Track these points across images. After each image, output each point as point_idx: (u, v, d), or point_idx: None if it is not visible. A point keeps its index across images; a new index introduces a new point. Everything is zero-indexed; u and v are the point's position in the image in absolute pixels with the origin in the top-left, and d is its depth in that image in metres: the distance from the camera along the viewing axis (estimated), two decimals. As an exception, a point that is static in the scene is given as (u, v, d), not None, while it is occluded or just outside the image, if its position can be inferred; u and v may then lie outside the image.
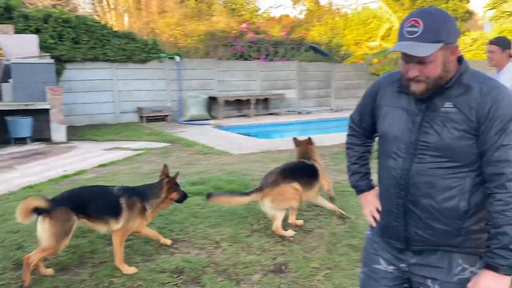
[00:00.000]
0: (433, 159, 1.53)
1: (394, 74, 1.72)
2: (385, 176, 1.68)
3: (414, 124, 1.56)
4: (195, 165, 6.72)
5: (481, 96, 1.47)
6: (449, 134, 1.49)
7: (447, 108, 1.51)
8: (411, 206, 1.59)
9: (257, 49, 16.18)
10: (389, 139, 1.64)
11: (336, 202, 4.49)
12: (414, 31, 1.44)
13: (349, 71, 16.24)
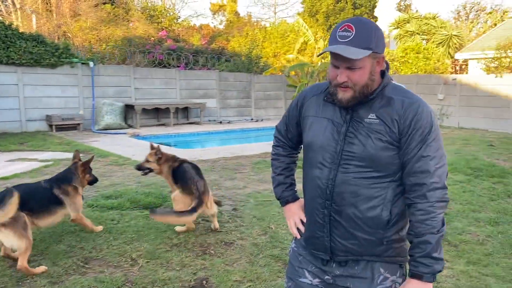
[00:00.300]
0: (357, 169, 1.54)
1: (320, 86, 1.73)
2: (310, 186, 1.66)
3: (339, 134, 1.58)
4: (110, 177, 6.35)
5: (402, 108, 1.52)
6: (373, 144, 1.52)
7: (371, 119, 1.54)
8: (336, 216, 1.59)
9: (177, 57, 15.92)
10: (315, 149, 1.63)
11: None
12: (347, 35, 1.47)
13: (268, 82, 16.57)
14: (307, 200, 1.70)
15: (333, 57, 1.51)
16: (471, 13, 25.51)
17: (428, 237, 1.50)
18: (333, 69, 1.54)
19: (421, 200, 1.51)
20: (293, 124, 1.80)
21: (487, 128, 13.08)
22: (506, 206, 5.39)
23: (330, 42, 1.51)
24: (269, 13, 33.35)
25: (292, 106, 1.81)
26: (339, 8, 23.14)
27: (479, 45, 17.48)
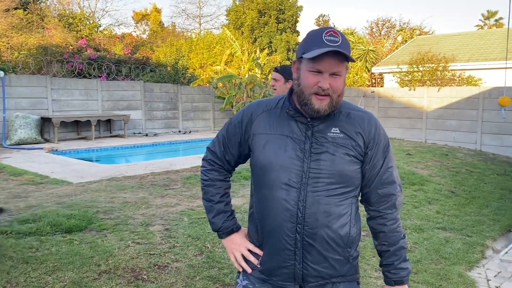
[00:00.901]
0: (327, 187, 1.48)
1: (269, 101, 1.63)
2: (274, 211, 1.50)
3: (303, 151, 1.49)
4: (25, 198, 5.78)
5: (363, 122, 1.55)
6: (341, 159, 1.49)
7: (334, 133, 1.51)
8: (309, 239, 1.48)
9: (98, 67, 15.15)
10: (275, 169, 1.50)
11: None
12: (336, 40, 1.44)
13: (196, 94, 16.35)
14: (270, 227, 1.53)
15: (321, 61, 1.43)
16: (383, 29, 27.30)
17: (401, 243, 1.58)
18: (313, 75, 1.45)
19: (391, 210, 1.57)
20: (235, 144, 1.65)
21: (403, 137, 13.98)
22: (428, 213, 5.72)
23: (318, 46, 1.43)
24: (194, 24, 33.15)
25: (233, 125, 1.65)
26: (263, 21, 23.63)
27: (394, 60, 18.73)
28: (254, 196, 1.62)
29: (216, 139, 1.72)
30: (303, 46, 1.49)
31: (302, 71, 1.49)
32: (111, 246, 4.01)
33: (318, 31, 1.47)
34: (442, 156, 10.04)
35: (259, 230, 1.59)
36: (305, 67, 1.47)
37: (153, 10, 31.47)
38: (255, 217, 1.61)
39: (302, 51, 1.48)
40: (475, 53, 17.51)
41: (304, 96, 1.48)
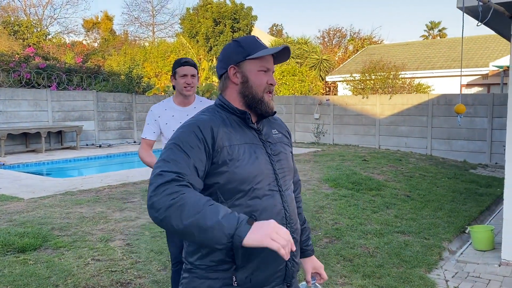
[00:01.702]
0: (289, 183, 1.63)
1: (213, 113, 1.53)
2: (266, 219, 1.35)
3: (267, 155, 1.55)
4: (-28, 216, 5.40)
5: (282, 122, 1.76)
6: (290, 157, 1.67)
7: (276, 135, 1.64)
8: (295, 235, 1.58)
9: (47, 76, 14.55)
10: (254, 177, 1.46)
11: None
12: (264, 44, 1.61)
13: (151, 103, 16.03)
14: None
15: (269, 59, 1.56)
16: (334, 39, 28.08)
17: (307, 224, 1.87)
18: (264, 74, 1.56)
19: (300, 194, 1.86)
20: (203, 160, 1.41)
21: (357, 143, 14.36)
22: (387, 217, 5.88)
23: (259, 47, 1.54)
24: (147, 32, 32.62)
25: (193, 143, 1.41)
26: (218, 30, 23.65)
27: (346, 69, 19.28)
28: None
29: (176, 163, 1.37)
30: (242, 49, 1.53)
31: (249, 73, 1.52)
32: (69, 265, 3.81)
33: (250, 37, 1.58)
34: (396, 162, 10.39)
35: (237, 252, 1.40)
36: (254, 67, 1.52)
37: (104, 18, 30.73)
38: None
39: (244, 54, 1.52)
40: (423, 61, 18.36)
41: (258, 96, 1.54)
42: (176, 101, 2.95)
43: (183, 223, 1.22)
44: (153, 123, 2.90)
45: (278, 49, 1.53)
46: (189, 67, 2.87)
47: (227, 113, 1.53)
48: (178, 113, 2.90)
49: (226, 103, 1.55)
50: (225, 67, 1.55)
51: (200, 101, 2.97)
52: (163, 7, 32.58)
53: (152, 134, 2.91)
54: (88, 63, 17.99)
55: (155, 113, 2.90)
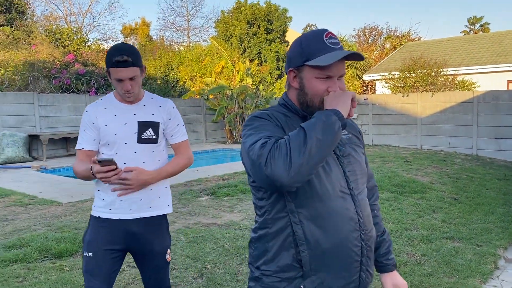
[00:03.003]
0: (363, 187, 1.49)
1: (275, 111, 1.44)
2: (339, 224, 1.34)
3: (336, 157, 1.43)
4: (12, 221, 5.48)
5: (352, 123, 1.60)
6: (361, 158, 1.53)
7: (346, 135, 1.51)
8: (369, 243, 1.44)
9: (87, 81, 14.88)
10: (325, 179, 1.35)
11: None
12: (337, 41, 1.38)
13: (187, 106, 16.14)
14: (331, 244, 1.33)
15: (331, 66, 1.34)
16: (370, 37, 27.43)
17: (385, 228, 1.73)
18: (322, 82, 1.37)
19: (377, 201, 1.70)
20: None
21: (398, 144, 13.86)
22: (434, 222, 5.52)
23: (323, 50, 1.34)
24: (182, 37, 33.02)
25: (266, 121, 1.39)
26: (252, 32, 23.59)
27: (384, 67, 18.72)
28: (294, 216, 1.34)
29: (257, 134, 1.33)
30: (302, 52, 1.37)
31: (306, 80, 1.38)
32: (104, 272, 3.74)
33: (315, 35, 1.37)
34: (440, 162, 9.90)
35: (305, 256, 1.34)
36: (311, 74, 1.36)
37: (141, 24, 31.38)
38: (296, 242, 1.34)
39: (303, 58, 1.36)
40: (466, 57, 17.57)
41: (314, 106, 1.39)
42: (118, 97, 2.28)
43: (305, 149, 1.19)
44: (91, 128, 2.22)
45: (342, 55, 1.32)
46: (124, 69, 2.08)
47: (290, 113, 1.46)
48: (122, 111, 2.24)
49: (289, 103, 1.47)
50: (287, 68, 1.44)
51: (151, 98, 2.33)
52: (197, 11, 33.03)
53: (91, 143, 2.22)
54: (125, 68, 18.30)
55: (91, 114, 2.23)
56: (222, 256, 4.12)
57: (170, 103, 2.35)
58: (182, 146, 2.39)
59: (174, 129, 2.34)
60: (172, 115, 2.32)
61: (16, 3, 19.82)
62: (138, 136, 2.21)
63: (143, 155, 2.21)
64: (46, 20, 23.92)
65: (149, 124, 2.23)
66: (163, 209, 2.32)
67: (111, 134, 2.19)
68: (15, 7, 19.71)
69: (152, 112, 2.27)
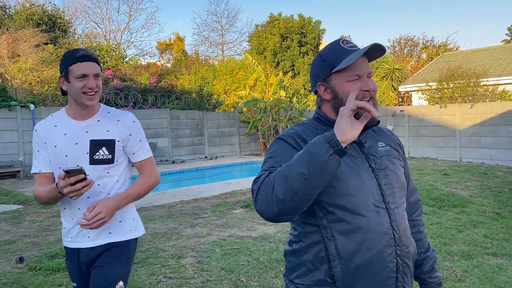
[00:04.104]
0: (401, 201, 1.45)
1: (307, 126, 1.45)
2: (372, 239, 1.31)
3: (371, 169, 1.40)
4: (55, 231, 5.70)
5: (392, 134, 1.59)
6: (400, 171, 1.49)
7: (383, 148, 1.49)
8: (406, 260, 1.39)
9: (125, 96, 15.38)
10: (356, 192, 1.33)
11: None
12: (354, 45, 1.41)
13: (221, 119, 16.35)
14: (365, 260, 1.31)
15: (356, 66, 1.36)
16: (406, 48, 26.99)
17: (430, 244, 1.68)
18: (352, 83, 1.37)
19: (421, 216, 1.63)
20: None
21: (436, 156, 13.49)
22: (475, 237, 5.33)
23: (344, 54, 1.37)
24: (216, 51, 33.61)
25: (287, 150, 1.38)
26: (285, 45, 23.71)
27: (421, 77, 18.36)
28: (326, 231, 1.34)
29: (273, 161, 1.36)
30: (325, 64, 1.42)
31: (337, 86, 1.40)
32: (142, 282, 3.83)
33: (333, 45, 1.43)
34: (481, 175, 9.56)
35: (338, 272, 1.33)
36: (341, 80, 1.39)
37: (176, 39, 32.15)
38: (329, 257, 1.34)
39: (328, 68, 1.41)
40: (507, 67, 16.98)
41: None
42: (70, 113, 2.04)
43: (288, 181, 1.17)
44: (44, 148, 2.02)
45: (364, 50, 1.34)
46: (89, 63, 1.95)
47: (324, 126, 1.46)
48: (73, 129, 2.00)
49: (322, 115, 1.48)
50: (315, 85, 1.48)
51: (108, 112, 2.09)
52: (231, 26, 33.56)
53: (48, 164, 2.03)
54: (162, 83, 18.82)
55: (41, 134, 2.02)
56: (257, 269, 4.13)
57: (130, 116, 2.09)
58: (146, 165, 2.14)
59: (136, 145, 2.09)
60: (132, 130, 2.06)
61: (59, 22, 20.80)
62: (90, 156, 1.97)
63: (96, 178, 1.96)
64: (87, 38, 24.94)
65: (103, 142, 1.99)
66: (125, 234, 2.07)
67: (61, 156, 1.98)
68: (58, 25, 20.68)
69: (108, 128, 2.02)
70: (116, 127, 2.02)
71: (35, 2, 21.34)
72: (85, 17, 26.72)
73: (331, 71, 1.39)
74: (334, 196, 1.32)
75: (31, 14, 19.43)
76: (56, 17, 20.70)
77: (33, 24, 18.98)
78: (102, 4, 27.09)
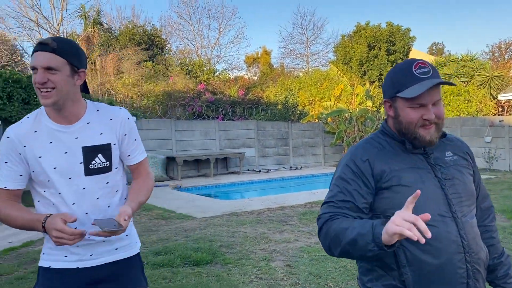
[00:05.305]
0: (468, 209, 1.49)
1: (371, 142, 1.55)
2: (440, 247, 1.38)
3: (437, 179, 1.47)
4: (157, 231, 6.28)
5: (461, 142, 1.62)
6: (468, 180, 1.53)
7: (450, 157, 1.54)
8: (477, 266, 1.44)
9: (215, 108, 16.24)
10: (422, 202, 1.38)
11: None
12: (427, 71, 1.44)
13: (306, 130, 16.53)
14: (434, 267, 1.39)
15: (421, 95, 1.40)
16: (507, 53, 25.03)
17: (505, 250, 1.69)
18: (415, 110, 1.44)
19: (494, 222, 1.66)
20: (364, 192, 1.47)
21: (541, 170, 12.37)
22: None
23: (412, 81, 1.43)
24: (301, 63, 33.92)
25: (352, 175, 1.48)
26: (372, 55, 23.29)
27: (523, 85, 16.95)
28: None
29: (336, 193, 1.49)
30: (393, 84, 1.48)
31: (400, 109, 1.47)
32: (236, 280, 4.13)
33: (404, 66, 1.47)
34: None
35: (408, 278, 1.41)
36: (403, 104, 1.45)
37: (263, 53, 33.06)
38: (399, 264, 1.42)
39: (394, 90, 1.47)
40: None
41: (410, 132, 1.47)
42: (52, 115, 1.69)
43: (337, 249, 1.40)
44: (16, 160, 1.65)
45: (429, 85, 1.39)
46: (42, 53, 1.57)
47: (388, 138, 1.55)
48: (59, 136, 1.68)
49: (387, 129, 1.57)
50: (383, 98, 1.58)
51: (97, 110, 1.77)
52: (317, 37, 33.68)
53: (17, 180, 1.67)
54: (249, 95, 19.55)
55: (16, 142, 1.65)
56: (344, 275, 4.23)
57: (124, 113, 1.80)
58: (143, 166, 1.89)
59: (131, 146, 1.81)
60: (127, 128, 1.79)
61: (157, 40, 22.56)
62: (85, 167, 1.68)
63: (96, 190, 1.70)
64: (181, 54, 26.66)
65: (98, 148, 1.70)
66: (134, 248, 1.85)
67: (48, 168, 1.64)
68: (156, 44, 22.43)
69: (100, 130, 1.72)
70: (110, 127, 1.74)
71: (137, 23, 23.39)
72: (179, 35, 28.55)
73: (396, 93, 1.45)
74: (400, 207, 1.31)
75: (133, 34, 21.32)
76: (155, 36, 22.47)
77: (134, 43, 20.81)
78: (194, 22, 28.74)
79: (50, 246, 1.71)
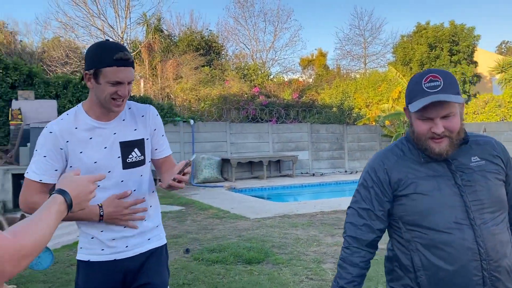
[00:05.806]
0: (492, 216, 1.46)
1: (393, 149, 1.61)
2: (455, 254, 1.43)
3: (457, 186, 1.47)
4: (212, 230, 6.51)
5: (494, 145, 1.55)
6: (495, 185, 1.48)
7: (476, 162, 1.50)
8: (495, 273, 1.43)
9: (269, 111, 16.42)
10: (437, 210, 1.45)
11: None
12: (436, 85, 1.43)
13: (361, 133, 16.27)
14: (449, 272, 1.44)
15: (427, 109, 1.43)
16: None
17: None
18: (424, 122, 1.47)
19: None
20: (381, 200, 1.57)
21: None
22: None
23: (420, 95, 1.45)
24: (358, 64, 33.35)
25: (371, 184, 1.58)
26: (434, 55, 22.46)
27: None
28: (411, 244, 1.51)
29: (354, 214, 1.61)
30: (407, 94, 1.52)
31: (412, 119, 1.51)
32: (286, 280, 4.22)
33: (417, 78, 1.47)
34: None
35: (423, 281, 1.48)
36: (414, 115, 1.49)
37: (318, 55, 32.87)
38: (414, 268, 1.50)
39: (407, 100, 1.51)
40: None
41: (421, 143, 1.49)
42: (91, 113, 1.80)
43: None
44: (56, 155, 1.73)
45: (426, 102, 1.40)
46: (126, 69, 1.71)
47: (411, 145, 1.57)
48: (99, 132, 1.79)
49: (410, 136, 1.59)
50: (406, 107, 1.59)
51: (129, 108, 1.89)
52: (375, 38, 33.01)
53: (53, 175, 1.73)
54: (303, 98, 19.56)
55: (59, 137, 1.73)
56: (396, 280, 4.18)
57: (153, 110, 1.94)
58: (171, 160, 1.99)
59: (160, 141, 1.94)
60: (157, 124, 1.93)
61: (214, 46, 23.19)
62: (122, 160, 1.80)
63: (132, 183, 1.83)
64: (236, 58, 27.19)
65: (133, 143, 1.83)
66: (162, 238, 1.98)
67: (89, 163, 1.74)
68: (213, 49, 23.06)
69: (134, 126, 1.86)
70: (142, 123, 1.87)
71: (195, 29, 24.16)
72: (235, 39, 29.11)
73: (408, 104, 1.51)
74: (413, 214, 1.48)
75: (192, 40, 22.07)
76: (212, 42, 23.12)
77: (193, 49, 21.53)
78: (250, 26, 29.18)
79: (86, 239, 1.84)
